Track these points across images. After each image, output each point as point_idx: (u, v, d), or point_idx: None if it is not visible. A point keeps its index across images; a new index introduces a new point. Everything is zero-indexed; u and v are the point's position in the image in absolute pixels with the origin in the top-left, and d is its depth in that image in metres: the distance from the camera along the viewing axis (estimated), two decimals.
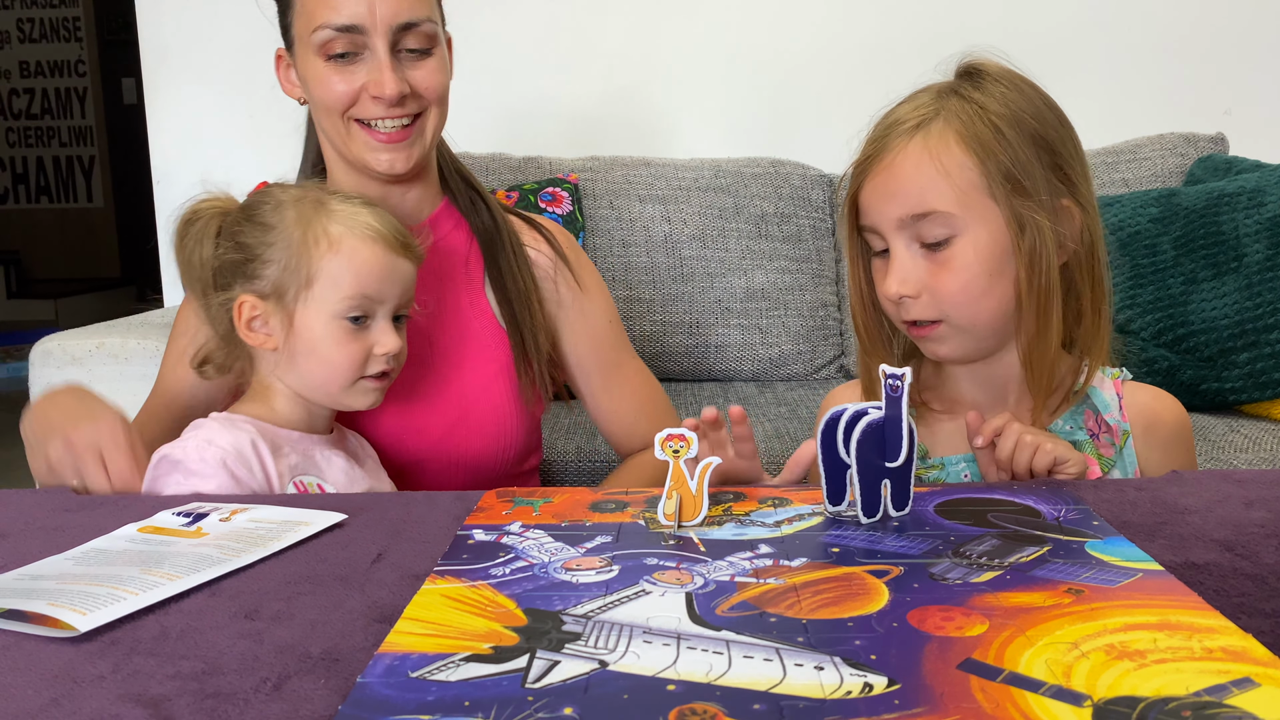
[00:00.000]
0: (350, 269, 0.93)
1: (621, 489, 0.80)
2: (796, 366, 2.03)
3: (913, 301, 0.89)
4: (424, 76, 1.06)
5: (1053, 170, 0.88)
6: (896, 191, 0.88)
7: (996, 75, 0.90)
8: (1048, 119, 0.88)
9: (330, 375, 0.94)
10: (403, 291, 0.97)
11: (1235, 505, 0.73)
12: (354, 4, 1.01)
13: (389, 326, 0.96)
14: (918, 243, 0.88)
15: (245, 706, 0.48)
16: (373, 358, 0.95)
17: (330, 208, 0.95)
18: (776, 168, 2.12)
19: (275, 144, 2.37)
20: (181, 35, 2.34)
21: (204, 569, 0.63)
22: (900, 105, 0.92)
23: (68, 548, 0.69)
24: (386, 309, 0.96)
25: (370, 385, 0.96)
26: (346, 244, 0.93)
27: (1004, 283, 0.88)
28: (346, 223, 0.94)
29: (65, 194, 5.75)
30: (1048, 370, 0.90)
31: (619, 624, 0.54)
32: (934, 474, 0.95)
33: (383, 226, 0.96)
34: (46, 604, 0.57)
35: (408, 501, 0.79)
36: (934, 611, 0.55)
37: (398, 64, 1.04)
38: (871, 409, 0.71)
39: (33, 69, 5.61)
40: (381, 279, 0.94)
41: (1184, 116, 2.17)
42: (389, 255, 0.95)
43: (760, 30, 2.33)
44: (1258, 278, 1.65)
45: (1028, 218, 0.85)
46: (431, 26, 1.05)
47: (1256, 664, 0.49)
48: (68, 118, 5.68)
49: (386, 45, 1.02)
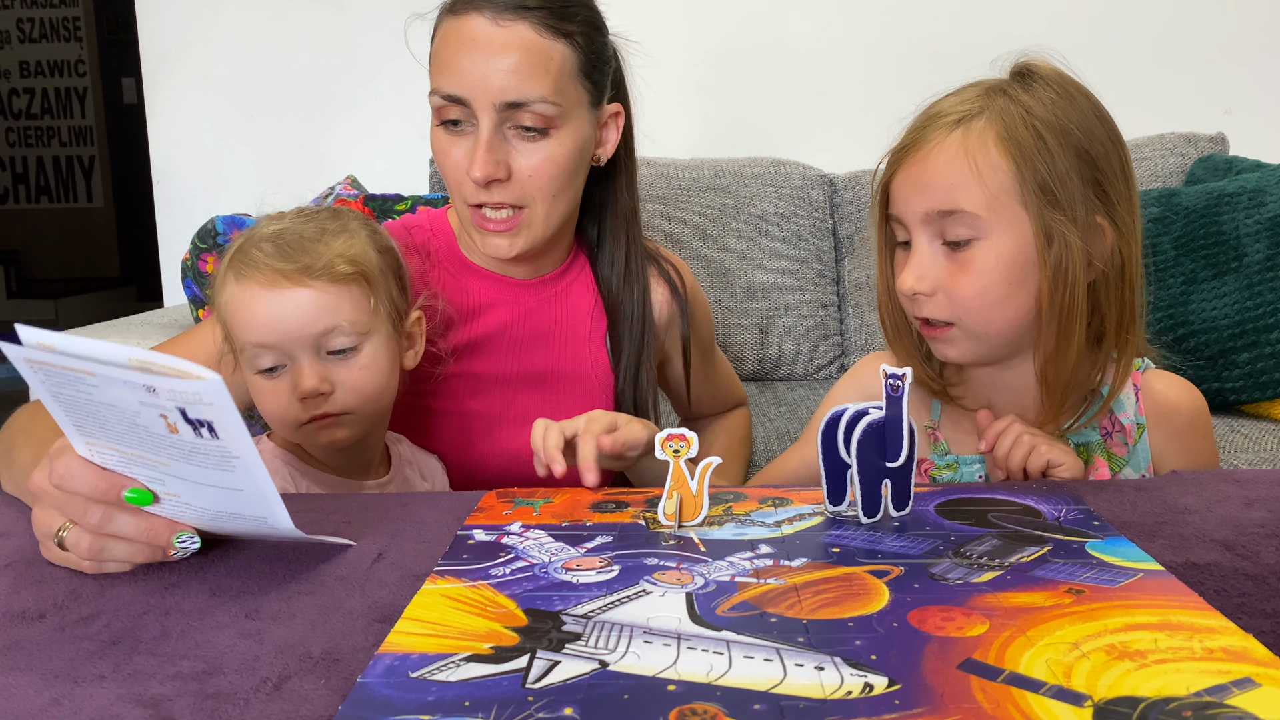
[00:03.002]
0: (237, 322, 0.87)
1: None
2: (796, 366, 2.03)
3: (927, 299, 0.87)
4: (528, 163, 0.97)
5: (1092, 185, 0.85)
6: (927, 184, 0.86)
7: (1049, 79, 0.87)
8: (1096, 133, 0.86)
9: (276, 427, 0.92)
10: (305, 324, 0.86)
11: (1235, 505, 0.73)
12: (466, 73, 0.94)
13: (303, 366, 0.86)
14: (940, 240, 0.86)
15: (245, 706, 0.48)
16: (299, 402, 0.87)
17: (241, 251, 0.88)
18: (776, 168, 2.12)
19: (275, 144, 2.39)
20: (181, 35, 2.34)
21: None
22: (946, 98, 0.89)
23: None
24: (299, 348, 0.86)
25: (313, 429, 0.88)
26: (229, 295, 0.87)
27: (1023, 294, 0.85)
28: (237, 269, 0.87)
29: (65, 194, 5.75)
30: (1062, 387, 0.88)
31: (619, 624, 0.54)
32: (948, 475, 0.94)
33: (264, 262, 0.85)
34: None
35: (408, 501, 0.79)
36: (934, 612, 0.55)
37: (501, 143, 0.96)
38: (872, 409, 0.71)
39: (33, 69, 5.61)
40: (264, 323, 0.85)
41: (1184, 116, 2.17)
42: (270, 294, 0.85)
43: (760, 30, 2.33)
44: (1258, 278, 1.65)
45: (1057, 231, 0.83)
46: (550, 109, 0.95)
47: (1257, 664, 0.49)
48: (68, 118, 5.68)
49: (492, 121, 0.95)
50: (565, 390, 1.11)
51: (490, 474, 1.09)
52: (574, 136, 0.99)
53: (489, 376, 1.09)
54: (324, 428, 0.89)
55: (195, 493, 0.62)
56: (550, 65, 0.95)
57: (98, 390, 0.57)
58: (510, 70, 0.94)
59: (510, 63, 0.94)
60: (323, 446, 0.91)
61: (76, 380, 0.58)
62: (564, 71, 0.96)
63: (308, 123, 2.37)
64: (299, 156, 2.36)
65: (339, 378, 0.88)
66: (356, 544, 0.69)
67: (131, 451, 0.61)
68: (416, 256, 1.07)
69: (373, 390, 0.90)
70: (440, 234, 1.10)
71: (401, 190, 2.06)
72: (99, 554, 0.63)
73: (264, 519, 0.63)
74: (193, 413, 0.56)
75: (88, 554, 0.63)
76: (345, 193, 1.88)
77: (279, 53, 2.35)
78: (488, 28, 0.94)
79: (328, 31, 2.34)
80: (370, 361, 0.89)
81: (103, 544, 0.63)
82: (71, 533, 0.63)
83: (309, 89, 2.36)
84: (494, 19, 0.94)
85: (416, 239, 1.09)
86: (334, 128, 2.37)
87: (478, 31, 0.94)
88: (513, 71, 0.94)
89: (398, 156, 2.26)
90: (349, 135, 2.36)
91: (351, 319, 0.88)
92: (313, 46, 2.35)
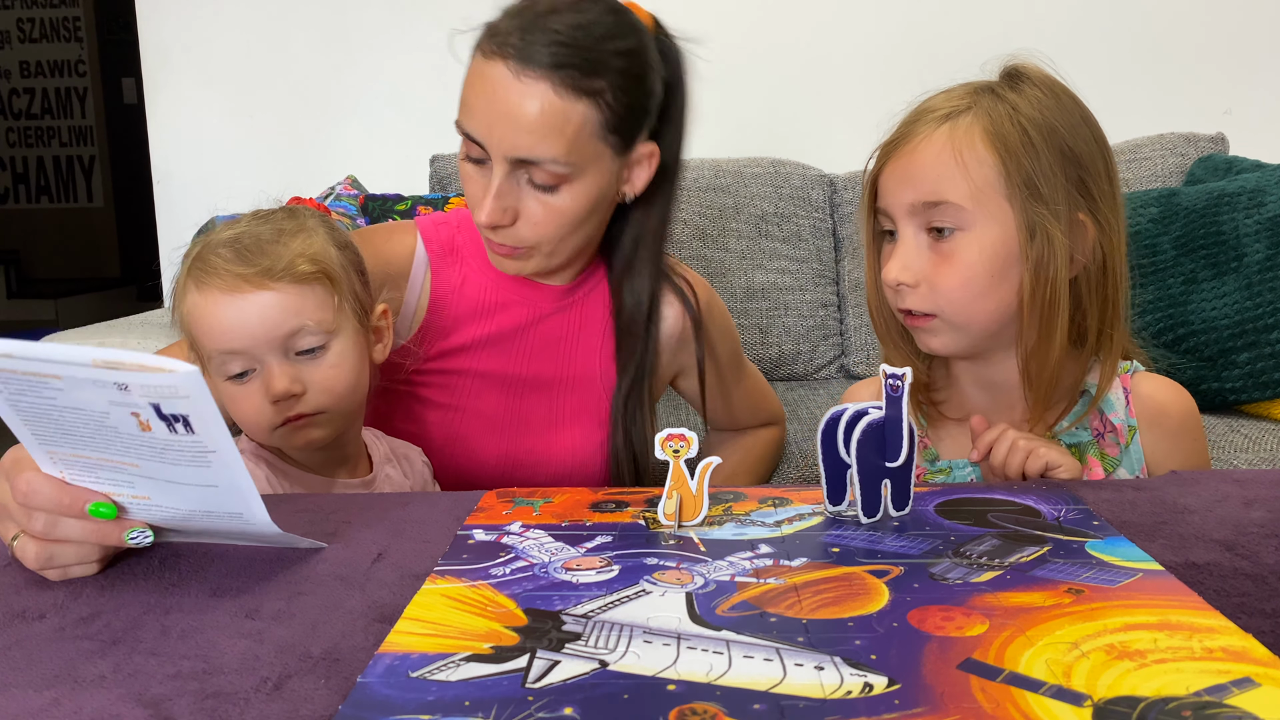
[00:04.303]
0: (201, 330, 0.86)
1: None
2: (796, 366, 2.03)
3: (910, 290, 0.89)
4: (535, 212, 0.96)
5: (1075, 183, 0.87)
6: (914, 176, 0.87)
7: (1037, 80, 0.89)
8: (1080, 133, 0.87)
9: (251, 432, 0.91)
10: (271, 327, 0.85)
11: (1235, 505, 0.73)
12: (481, 120, 0.93)
13: (273, 368, 0.86)
14: (925, 232, 0.88)
15: (245, 706, 0.48)
16: (271, 405, 0.87)
17: (199, 259, 0.87)
18: (776, 168, 2.12)
19: (275, 143, 2.39)
20: (181, 35, 2.34)
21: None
22: (935, 96, 0.91)
23: None
24: (266, 351, 0.86)
25: (288, 430, 0.88)
26: (191, 304, 0.86)
27: (1005, 287, 0.87)
28: (196, 277, 0.86)
29: (65, 194, 5.75)
30: (1046, 382, 0.89)
31: (619, 624, 0.54)
32: (940, 478, 0.95)
33: (223, 267, 0.85)
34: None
35: (408, 501, 0.79)
36: (934, 611, 0.55)
37: (513, 188, 0.95)
38: (872, 409, 0.71)
39: (33, 69, 5.61)
40: (229, 329, 0.84)
41: (1184, 116, 2.17)
42: (233, 300, 0.84)
43: (760, 30, 2.33)
44: (1258, 278, 1.65)
45: (1040, 225, 0.85)
46: (562, 169, 0.93)
47: (1257, 664, 0.49)
48: (68, 118, 5.68)
49: (504, 170, 0.94)
50: (572, 396, 1.12)
51: (493, 473, 1.09)
52: (589, 189, 0.97)
53: (497, 375, 1.09)
54: (299, 429, 0.88)
55: (167, 493, 0.61)
56: (566, 128, 0.92)
57: (63, 394, 0.56)
58: (524, 130, 0.92)
59: (525, 122, 0.92)
60: (300, 447, 0.91)
61: (40, 386, 0.56)
62: (582, 132, 0.94)
63: (308, 123, 2.37)
64: (299, 156, 2.36)
65: (309, 378, 0.88)
66: (356, 544, 0.69)
67: (97, 456, 0.60)
68: (442, 252, 1.09)
69: (344, 388, 0.90)
70: (466, 230, 1.11)
71: (401, 190, 2.06)
72: (48, 561, 0.62)
73: (240, 515, 0.63)
74: (167, 407, 0.56)
75: (34, 561, 0.62)
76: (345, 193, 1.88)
77: (279, 53, 2.35)
78: (508, 81, 0.92)
79: (328, 31, 2.34)
80: (339, 359, 0.89)
81: (50, 550, 0.62)
82: (20, 540, 0.62)
83: (309, 89, 2.36)
84: (516, 73, 0.92)
85: (442, 235, 1.10)
86: (334, 128, 2.36)
87: (498, 83, 0.92)
88: (526, 131, 0.92)
89: (398, 156, 2.26)
90: (349, 135, 2.36)
91: (317, 318, 0.87)
92: (313, 46, 2.34)
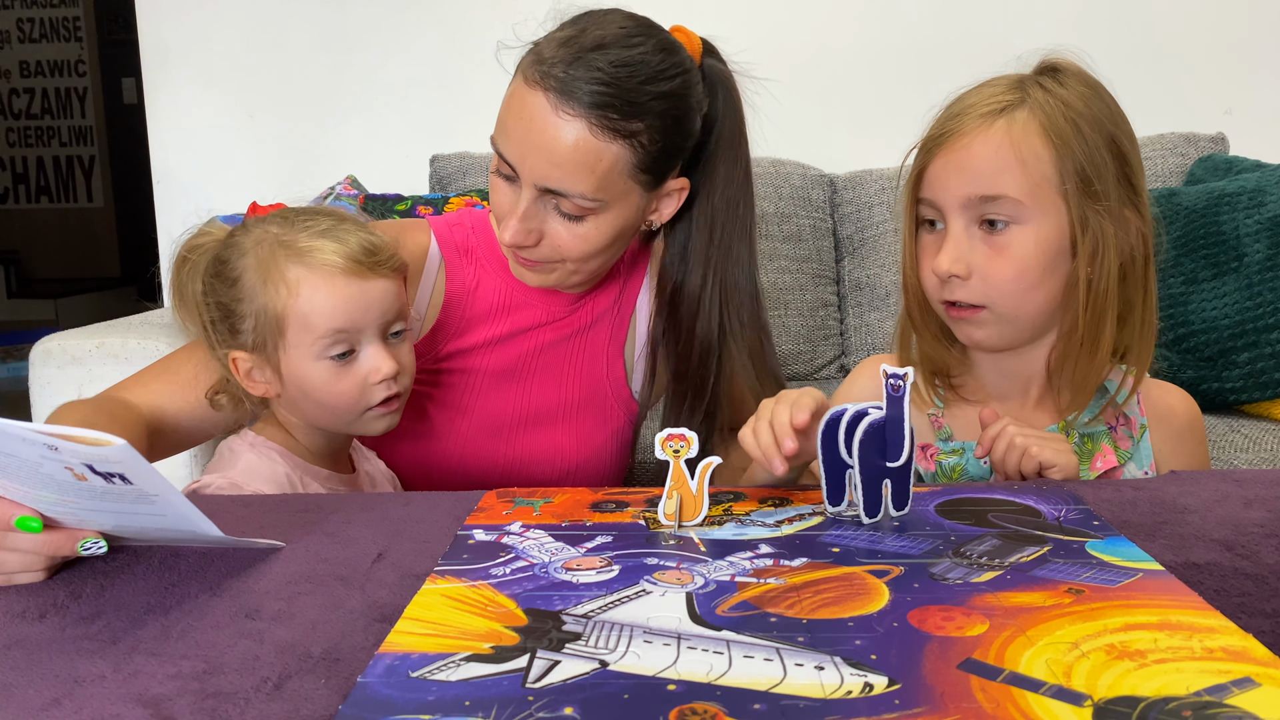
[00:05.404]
0: (315, 310, 0.89)
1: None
2: (797, 366, 2.03)
3: (961, 282, 0.89)
4: (559, 235, 0.97)
5: (1122, 178, 0.88)
6: (970, 170, 0.88)
7: (1076, 75, 0.90)
8: (1123, 127, 0.89)
9: (331, 415, 0.93)
10: (383, 311, 0.92)
11: (1235, 505, 0.73)
12: (515, 145, 0.94)
13: (380, 350, 0.91)
14: (977, 225, 0.88)
15: (245, 706, 0.48)
16: (371, 387, 0.91)
17: (289, 244, 0.90)
18: (776, 168, 2.12)
19: (275, 143, 2.39)
20: (181, 35, 2.34)
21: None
22: (972, 92, 0.91)
23: None
24: (371, 334, 0.91)
25: (378, 413, 0.93)
26: (305, 286, 0.89)
27: (1054, 279, 0.88)
28: (305, 260, 0.89)
29: (65, 194, 5.74)
30: (1081, 377, 0.90)
31: (619, 624, 0.54)
32: (953, 459, 0.95)
33: (341, 252, 0.90)
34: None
35: (408, 501, 0.79)
36: (934, 611, 0.55)
37: (539, 211, 0.96)
38: (872, 409, 0.71)
39: (33, 69, 5.61)
40: (350, 310, 0.89)
41: (1184, 116, 2.17)
42: (353, 283, 0.90)
43: (760, 30, 2.33)
44: (1258, 278, 1.65)
45: (1093, 219, 0.86)
46: (589, 203, 0.94)
47: (1257, 664, 0.49)
48: (68, 118, 5.68)
49: (532, 194, 0.95)
50: (578, 397, 1.12)
51: (496, 473, 1.10)
52: (614, 221, 0.97)
53: (506, 376, 1.09)
54: (387, 413, 0.94)
55: (116, 517, 0.62)
56: (598, 167, 0.93)
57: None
58: (555, 164, 0.92)
59: (557, 157, 0.92)
60: (378, 432, 0.96)
61: None
62: (613, 171, 0.94)
63: (308, 123, 2.36)
64: (299, 156, 2.36)
65: (401, 360, 0.94)
66: (356, 544, 0.69)
67: (36, 492, 0.60)
68: (456, 252, 1.10)
69: (415, 371, 0.98)
70: (480, 232, 1.11)
71: (401, 190, 2.05)
72: None
73: (191, 532, 0.64)
74: (101, 467, 0.56)
75: None
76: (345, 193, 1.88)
77: (279, 53, 2.34)
78: (546, 113, 0.91)
79: (328, 31, 2.34)
80: (411, 346, 0.98)
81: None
82: None
83: (309, 89, 2.35)
84: (555, 107, 0.91)
85: (457, 236, 1.11)
86: (334, 128, 2.36)
87: (536, 112, 0.92)
88: (557, 165, 0.92)
89: (398, 156, 2.25)
90: (349, 135, 2.36)
91: (406, 307, 0.96)
92: (313, 46, 2.34)
